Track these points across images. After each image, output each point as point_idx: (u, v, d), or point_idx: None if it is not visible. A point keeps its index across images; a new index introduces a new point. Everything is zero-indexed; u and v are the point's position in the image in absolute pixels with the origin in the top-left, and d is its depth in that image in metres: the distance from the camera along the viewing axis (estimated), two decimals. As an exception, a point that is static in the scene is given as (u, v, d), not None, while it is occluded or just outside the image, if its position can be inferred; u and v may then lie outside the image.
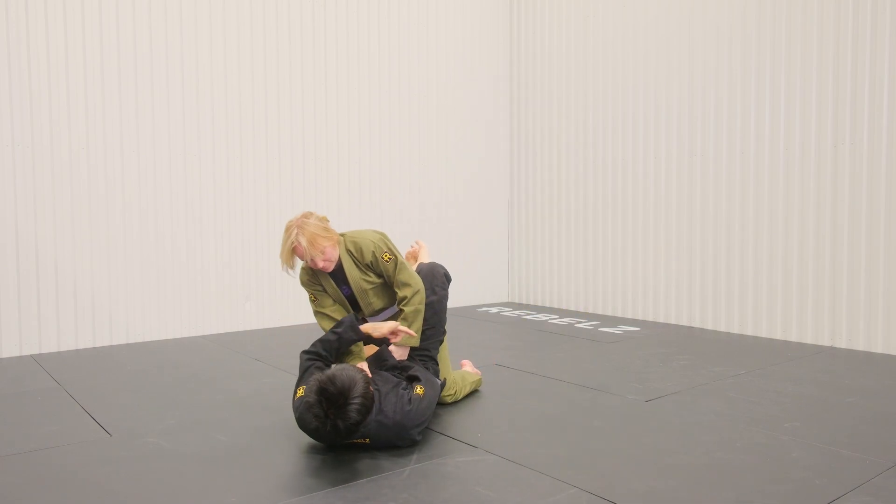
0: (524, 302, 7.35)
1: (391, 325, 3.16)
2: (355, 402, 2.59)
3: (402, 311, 3.25)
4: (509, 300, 7.51)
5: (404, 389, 2.94)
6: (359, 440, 2.83)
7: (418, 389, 2.98)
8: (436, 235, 6.79)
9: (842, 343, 4.96)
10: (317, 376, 2.67)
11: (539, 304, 7.18)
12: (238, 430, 3.17)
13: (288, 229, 3.12)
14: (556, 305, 7.02)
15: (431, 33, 6.82)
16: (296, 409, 2.89)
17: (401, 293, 3.23)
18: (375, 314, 3.35)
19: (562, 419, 3.31)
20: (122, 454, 2.87)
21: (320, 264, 3.13)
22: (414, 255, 3.80)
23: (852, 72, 4.84)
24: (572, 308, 6.85)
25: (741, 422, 3.24)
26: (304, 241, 3.07)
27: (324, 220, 3.18)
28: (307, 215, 3.16)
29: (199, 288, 5.56)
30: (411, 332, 3.19)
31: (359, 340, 3.17)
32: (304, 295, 6.06)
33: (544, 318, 6.31)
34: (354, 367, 2.74)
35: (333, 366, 2.76)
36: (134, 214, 5.25)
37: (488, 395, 3.74)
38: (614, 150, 6.40)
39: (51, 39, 4.89)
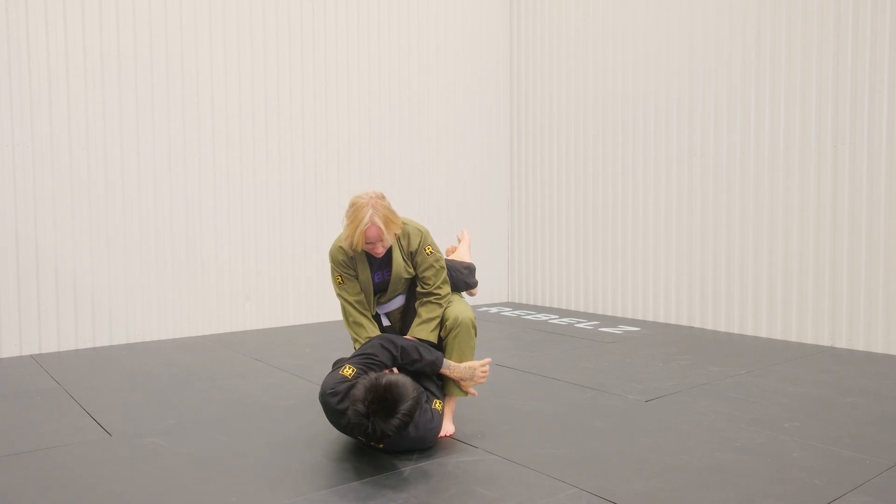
0: (524, 302, 7.35)
1: (469, 370, 3.07)
2: (398, 418, 2.56)
3: (433, 304, 3.15)
4: (509, 300, 7.51)
5: (427, 402, 2.92)
6: (373, 443, 2.81)
7: (437, 404, 2.97)
8: (436, 235, 6.78)
9: (842, 343, 4.96)
10: (375, 375, 2.63)
11: (539, 304, 7.18)
12: (238, 430, 3.17)
13: (361, 208, 2.89)
14: (556, 305, 7.02)
15: (431, 34, 6.82)
16: (332, 385, 2.78)
17: (443, 290, 3.15)
18: (388, 302, 3.31)
19: (562, 419, 3.31)
20: (122, 454, 2.87)
21: (378, 249, 2.97)
22: (453, 248, 3.71)
23: (852, 72, 4.84)
24: (572, 308, 6.85)
25: (741, 422, 3.24)
26: (380, 223, 2.89)
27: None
28: (380, 195, 2.98)
29: (199, 288, 5.56)
30: (478, 382, 3.13)
31: (432, 375, 3.06)
32: (303, 295, 6.07)
33: (544, 318, 6.30)
34: (414, 383, 2.69)
35: (397, 374, 2.70)
36: (134, 214, 5.25)
37: (488, 395, 3.73)
38: (614, 150, 6.40)
39: (51, 39, 4.89)
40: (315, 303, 6.11)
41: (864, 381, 4.00)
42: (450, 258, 3.61)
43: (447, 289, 3.18)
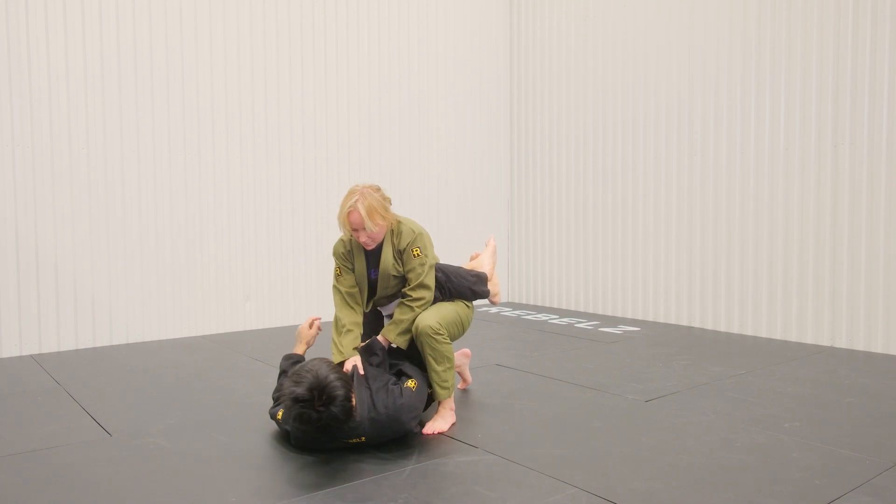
0: (524, 302, 7.35)
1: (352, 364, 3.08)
2: (333, 381, 2.65)
3: (405, 305, 3.16)
4: (509, 300, 7.51)
5: (394, 384, 2.96)
6: (354, 440, 2.83)
7: (410, 383, 3.00)
8: (436, 235, 6.78)
9: (842, 343, 4.96)
10: (284, 390, 2.74)
11: (539, 304, 7.18)
12: (237, 430, 3.17)
13: (351, 193, 3.05)
14: (556, 305, 7.02)
15: (431, 34, 6.82)
16: (284, 423, 2.95)
17: (416, 294, 3.16)
18: (386, 302, 3.31)
19: (561, 419, 3.31)
20: (122, 454, 2.87)
21: (363, 239, 3.07)
22: (477, 254, 3.72)
23: (852, 72, 4.84)
24: (572, 308, 6.85)
25: (741, 422, 3.24)
26: (362, 210, 2.99)
27: (388, 200, 3.13)
28: (375, 188, 3.10)
29: (199, 288, 5.56)
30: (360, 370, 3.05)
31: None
32: (303, 295, 6.07)
33: (544, 318, 6.30)
34: (308, 359, 2.89)
35: (292, 368, 2.84)
36: (134, 214, 5.25)
37: (488, 395, 3.73)
38: (614, 150, 6.40)
39: (51, 39, 4.89)
40: (315, 303, 6.11)
41: (864, 381, 4.00)
42: (469, 265, 3.61)
43: (423, 293, 3.17)
